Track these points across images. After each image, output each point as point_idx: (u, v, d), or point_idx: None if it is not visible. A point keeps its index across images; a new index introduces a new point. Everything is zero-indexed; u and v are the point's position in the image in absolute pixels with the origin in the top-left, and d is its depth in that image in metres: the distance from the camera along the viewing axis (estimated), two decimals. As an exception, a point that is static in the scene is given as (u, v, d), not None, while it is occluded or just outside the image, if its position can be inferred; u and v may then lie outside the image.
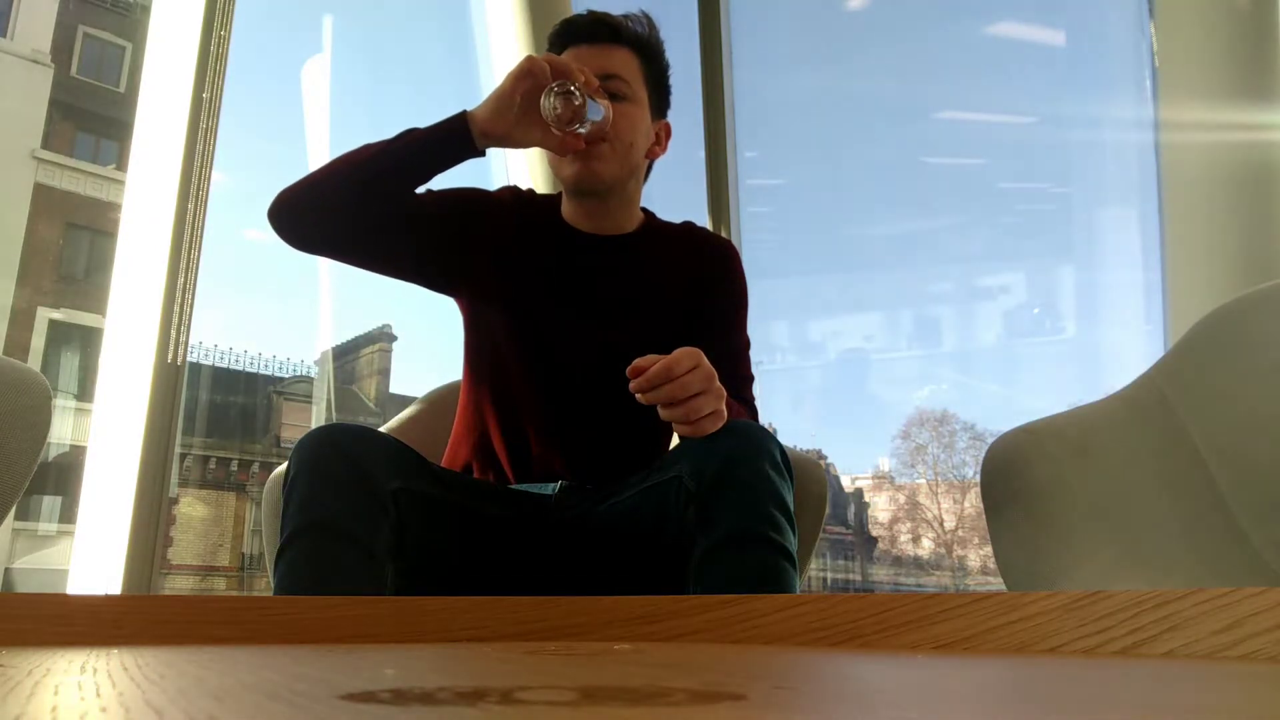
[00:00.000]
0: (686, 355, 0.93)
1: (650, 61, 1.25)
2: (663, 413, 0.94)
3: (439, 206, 1.20)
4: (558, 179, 1.23)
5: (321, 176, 1.11)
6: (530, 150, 2.37)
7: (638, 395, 0.93)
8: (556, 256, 1.23)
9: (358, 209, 1.11)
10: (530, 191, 1.30)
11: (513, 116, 1.09)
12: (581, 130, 1.10)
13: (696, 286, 1.25)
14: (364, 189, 1.11)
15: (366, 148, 1.12)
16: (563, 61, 1.09)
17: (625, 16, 1.24)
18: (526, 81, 1.07)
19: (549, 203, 1.29)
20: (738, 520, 0.92)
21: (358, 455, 0.95)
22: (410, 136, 1.11)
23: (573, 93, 1.07)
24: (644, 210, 1.31)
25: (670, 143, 1.32)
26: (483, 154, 1.12)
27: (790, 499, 0.96)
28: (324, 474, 0.93)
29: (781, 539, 0.92)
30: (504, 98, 1.08)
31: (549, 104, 1.07)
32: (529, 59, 1.08)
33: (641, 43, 1.24)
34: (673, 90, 1.32)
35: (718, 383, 0.95)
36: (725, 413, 0.97)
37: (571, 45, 1.21)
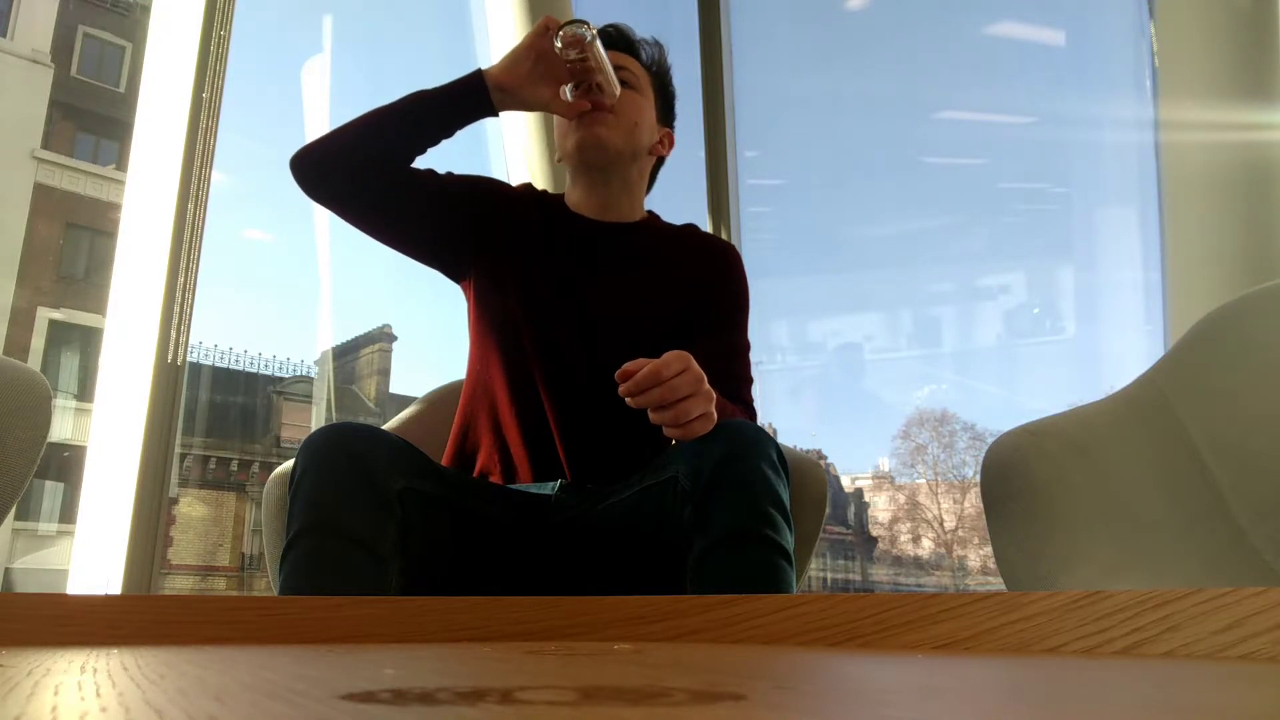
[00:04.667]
0: (675, 358, 0.93)
1: (658, 77, 1.32)
2: (652, 416, 0.94)
3: (458, 186, 1.24)
4: (562, 152, 1.27)
5: (342, 130, 1.15)
6: (531, 149, 2.37)
7: (627, 399, 0.93)
8: (559, 239, 1.25)
9: (373, 161, 1.15)
10: (544, 191, 1.34)
11: (526, 71, 1.14)
12: (589, 63, 1.12)
13: (697, 283, 1.26)
14: (379, 141, 1.15)
15: (386, 105, 1.16)
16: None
17: (639, 39, 1.32)
18: (543, 39, 1.12)
19: (557, 198, 1.32)
20: (734, 520, 0.92)
21: (363, 454, 0.95)
22: (426, 92, 1.15)
23: (582, 31, 1.09)
24: (648, 211, 1.32)
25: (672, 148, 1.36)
26: (496, 114, 1.16)
27: (787, 498, 0.96)
28: (330, 473, 0.93)
29: (779, 538, 0.92)
30: (519, 52, 1.14)
31: (558, 39, 1.10)
32: (547, 17, 1.12)
33: (652, 59, 1.31)
34: (675, 91, 1.37)
35: (707, 385, 0.95)
36: (715, 415, 0.97)
37: None
